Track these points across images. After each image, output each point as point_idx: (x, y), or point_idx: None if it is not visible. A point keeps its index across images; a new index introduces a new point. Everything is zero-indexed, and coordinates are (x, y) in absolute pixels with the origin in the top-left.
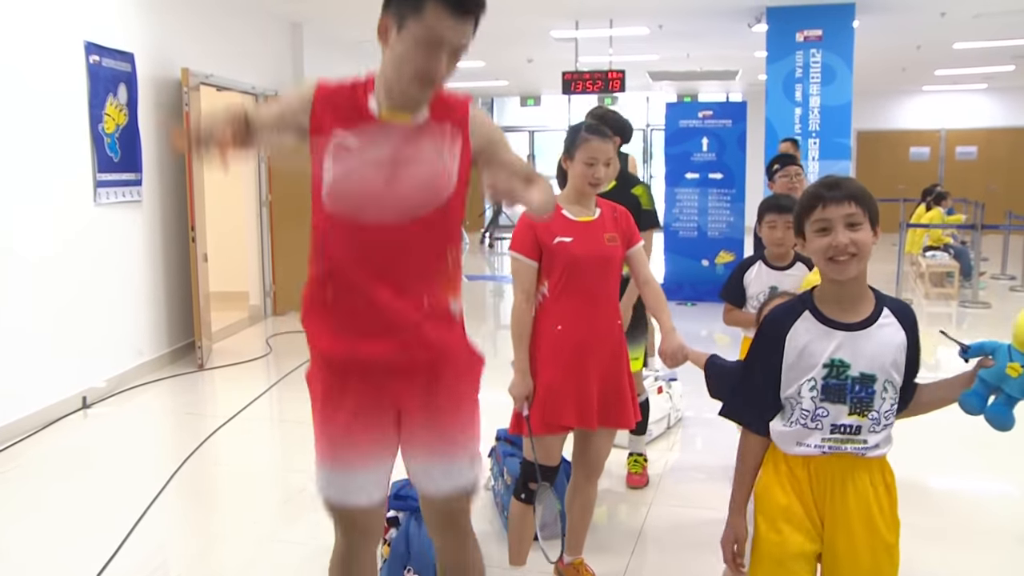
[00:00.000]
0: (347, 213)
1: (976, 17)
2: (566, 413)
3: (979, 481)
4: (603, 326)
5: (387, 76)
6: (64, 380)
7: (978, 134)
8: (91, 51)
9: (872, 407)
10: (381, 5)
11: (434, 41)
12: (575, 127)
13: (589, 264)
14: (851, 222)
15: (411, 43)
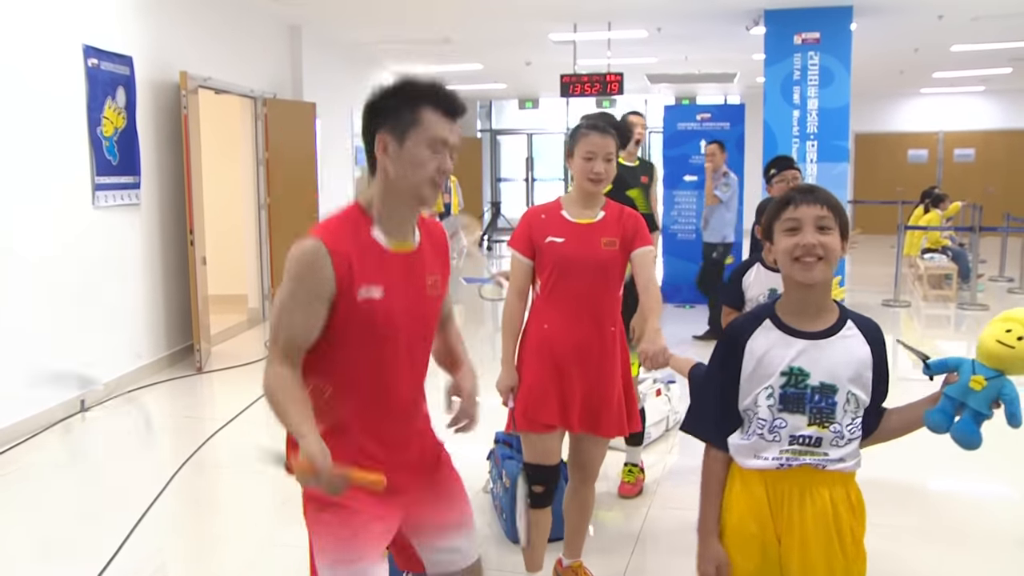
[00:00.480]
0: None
1: (974, 20)
2: (548, 411)
3: (977, 484)
4: (591, 331)
5: (400, 187)
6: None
7: (976, 136)
8: (90, 54)
9: (834, 418)
10: (366, 132)
11: (440, 142)
12: (575, 125)
13: (580, 267)
14: (821, 225)
15: (421, 148)
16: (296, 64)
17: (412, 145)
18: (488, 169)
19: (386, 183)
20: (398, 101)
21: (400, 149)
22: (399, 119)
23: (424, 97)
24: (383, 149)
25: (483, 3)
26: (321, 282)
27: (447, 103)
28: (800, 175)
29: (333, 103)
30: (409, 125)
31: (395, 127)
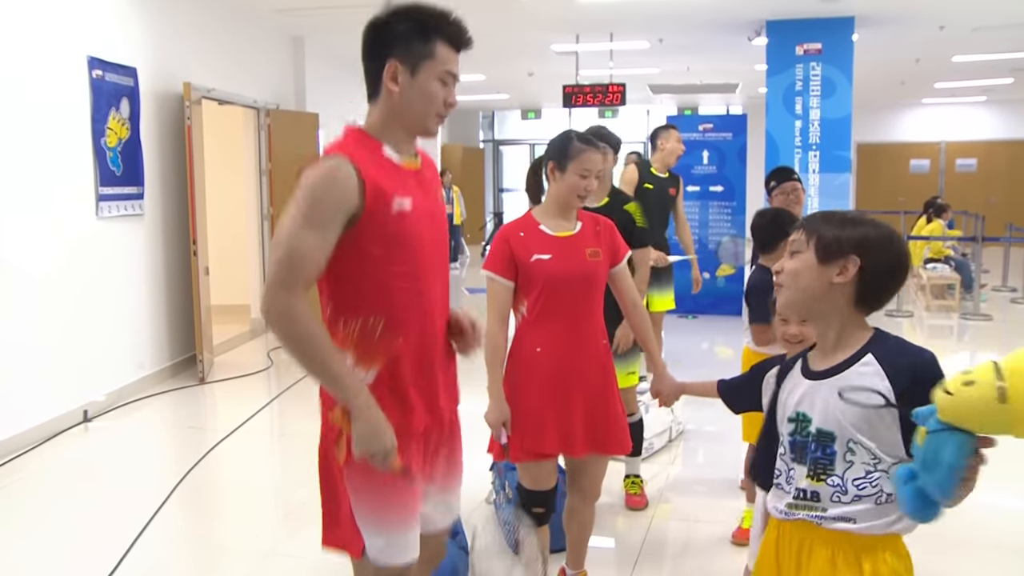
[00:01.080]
0: (413, 274)
1: (975, 30)
2: (548, 440)
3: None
4: (587, 347)
5: (405, 116)
6: (65, 394)
7: (978, 146)
8: (94, 65)
9: (832, 470)
10: (371, 55)
11: (450, 76)
12: (564, 137)
13: (570, 282)
14: (792, 249)
15: (433, 81)
16: (299, 75)
17: (424, 77)
18: (491, 179)
19: (392, 109)
20: (411, 29)
21: (411, 80)
22: (411, 49)
23: (439, 29)
24: (392, 77)
25: (486, 14)
26: (346, 198)
27: (459, 36)
28: (801, 186)
29: (336, 114)
30: (422, 56)
31: (407, 57)
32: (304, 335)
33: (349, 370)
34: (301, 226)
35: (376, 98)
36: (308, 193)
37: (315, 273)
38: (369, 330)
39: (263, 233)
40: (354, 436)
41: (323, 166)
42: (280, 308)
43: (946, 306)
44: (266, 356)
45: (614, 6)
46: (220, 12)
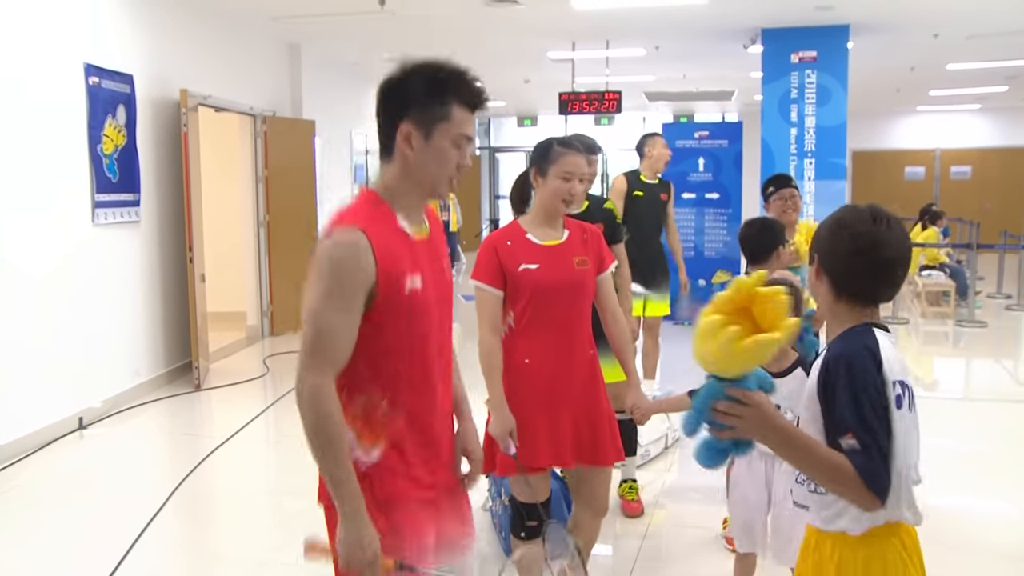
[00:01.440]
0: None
1: (969, 38)
2: (539, 453)
3: (977, 501)
4: (575, 357)
5: (419, 178)
6: (60, 401)
7: (972, 154)
8: (91, 73)
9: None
10: (385, 113)
11: (464, 139)
12: (544, 142)
13: (558, 292)
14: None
15: (447, 144)
16: (295, 82)
17: (438, 140)
18: (487, 186)
19: (405, 171)
20: (427, 91)
21: (426, 144)
22: (426, 111)
23: (454, 90)
24: (406, 139)
25: (482, 22)
26: (364, 277)
27: (475, 97)
28: (798, 193)
29: (332, 121)
30: (437, 119)
31: (421, 119)
32: (327, 429)
33: (352, 475)
34: (327, 305)
35: (389, 158)
36: (331, 268)
37: (346, 353)
38: (373, 407)
39: (259, 240)
40: (338, 543)
41: (343, 241)
42: (308, 390)
43: (941, 313)
44: (262, 363)
45: (610, 14)
46: (216, 19)
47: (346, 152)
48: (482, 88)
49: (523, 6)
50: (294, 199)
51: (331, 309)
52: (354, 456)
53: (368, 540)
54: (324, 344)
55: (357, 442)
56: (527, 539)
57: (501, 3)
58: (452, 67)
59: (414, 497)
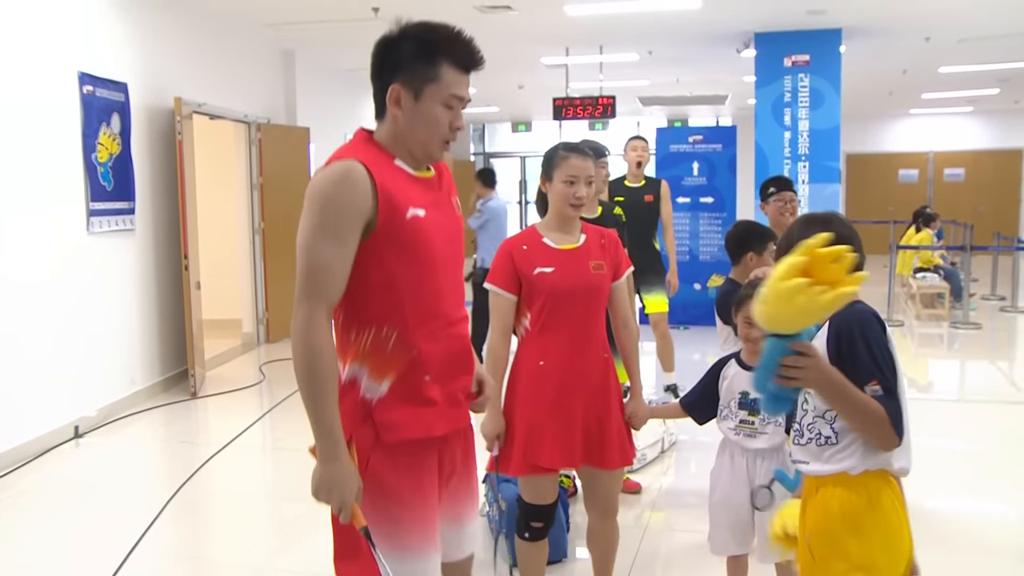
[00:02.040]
0: (426, 284)
1: (960, 41)
2: (548, 453)
3: (976, 504)
4: (589, 360)
5: (410, 138)
6: (56, 409)
7: (965, 156)
8: (85, 81)
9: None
10: (378, 75)
11: (456, 100)
12: (550, 149)
13: (573, 296)
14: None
15: (437, 106)
16: (290, 89)
17: (428, 102)
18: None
19: (395, 133)
20: (416, 50)
21: (415, 104)
22: (416, 72)
23: (445, 50)
24: (395, 100)
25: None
26: (361, 204)
27: (468, 58)
28: (796, 198)
29: (327, 128)
30: (427, 80)
31: (411, 80)
32: (316, 366)
33: (335, 416)
34: (319, 237)
35: (382, 118)
36: (323, 200)
37: (339, 287)
38: (382, 341)
39: (255, 247)
40: (312, 478)
41: (336, 170)
42: (300, 323)
43: (936, 315)
44: (258, 370)
45: (604, 19)
46: (210, 27)
47: None
48: (476, 48)
49: (516, 12)
50: (289, 206)
51: (323, 242)
52: (363, 390)
53: (346, 482)
54: (316, 278)
55: (368, 377)
56: (531, 540)
57: (495, 9)
58: (444, 27)
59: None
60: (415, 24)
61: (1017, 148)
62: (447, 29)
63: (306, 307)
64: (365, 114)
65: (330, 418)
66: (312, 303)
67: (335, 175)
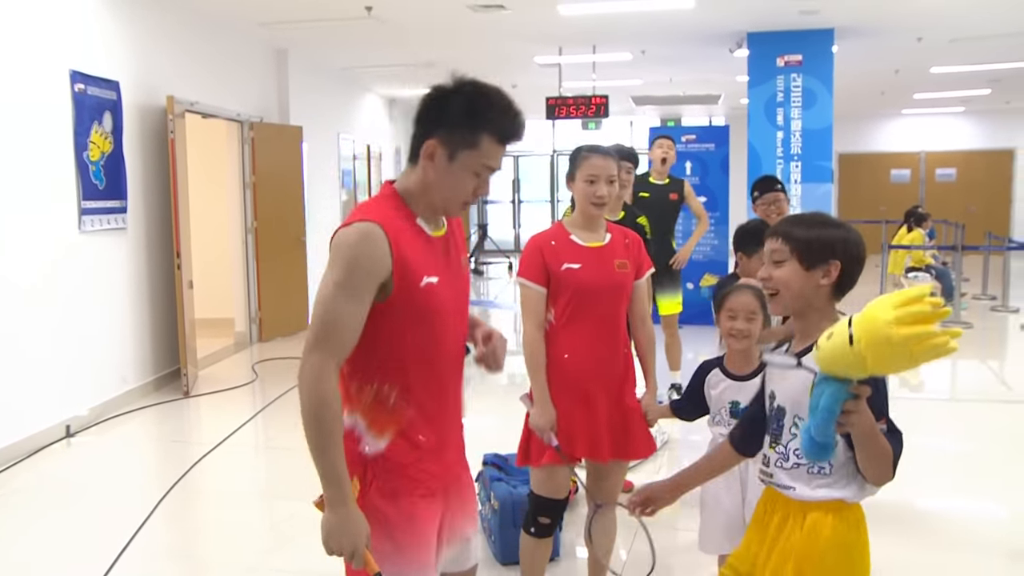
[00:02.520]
0: (431, 347)
1: (952, 42)
2: (577, 444)
3: (965, 502)
4: (613, 354)
5: (432, 195)
6: (47, 408)
7: (957, 156)
8: (76, 79)
9: (780, 440)
10: (420, 123)
11: (487, 170)
12: (575, 150)
13: (598, 291)
14: (775, 259)
15: (467, 172)
16: (282, 88)
17: (461, 166)
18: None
19: (424, 185)
20: (463, 112)
21: (448, 164)
22: (457, 133)
23: (491, 121)
24: (430, 155)
25: (469, 27)
26: (378, 268)
27: (511, 133)
28: (784, 196)
29: (320, 127)
30: (465, 145)
31: (450, 140)
32: (322, 415)
33: (341, 463)
34: (337, 293)
35: (413, 165)
36: (344, 259)
37: (351, 342)
38: (383, 397)
39: (247, 246)
40: (322, 527)
41: (359, 231)
42: (309, 371)
43: None
44: (251, 369)
45: (597, 18)
46: (203, 25)
47: (333, 157)
48: (521, 122)
49: (510, 11)
50: (282, 205)
51: (340, 298)
52: (362, 444)
53: (355, 528)
54: (329, 331)
55: (366, 430)
56: (537, 536)
57: (487, 8)
58: (497, 95)
59: (418, 493)
60: (469, 83)
61: (1008, 148)
62: (500, 98)
63: (317, 357)
64: (358, 114)
65: (337, 465)
66: (324, 355)
67: (357, 236)
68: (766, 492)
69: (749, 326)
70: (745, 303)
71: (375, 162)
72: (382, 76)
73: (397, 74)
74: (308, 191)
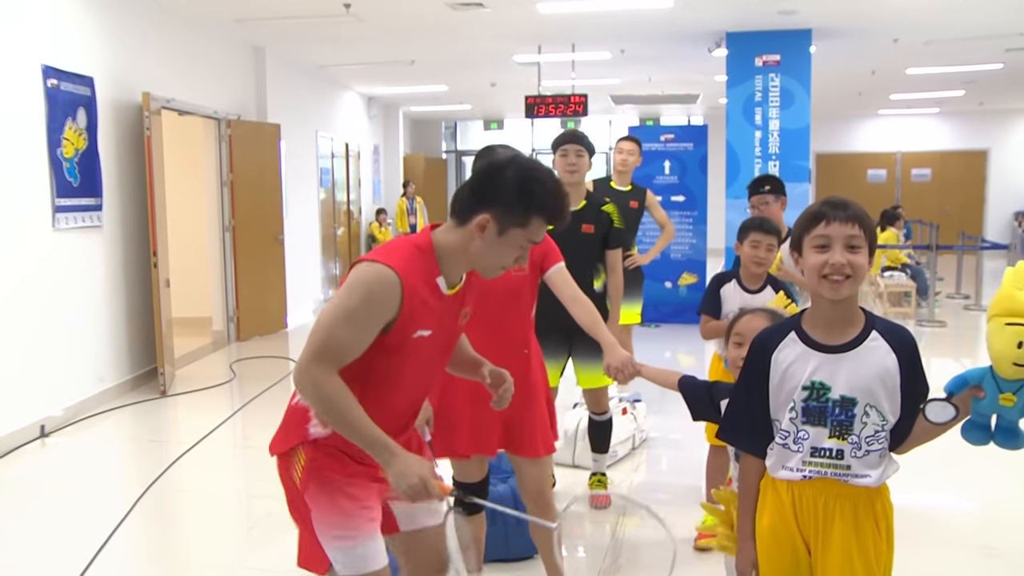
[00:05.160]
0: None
1: (927, 44)
2: (461, 440)
3: (935, 496)
4: (506, 355)
5: (475, 262)
6: (21, 408)
7: (932, 157)
8: (49, 75)
9: (852, 431)
10: (476, 192)
11: (531, 243)
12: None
13: (487, 295)
14: (851, 244)
15: (513, 246)
16: (260, 85)
17: (508, 240)
18: (453, 189)
19: (465, 248)
20: (517, 193)
21: (497, 238)
22: (510, 211)
23: (542, 204)
24: (481, 227)
25: (447, 25)
26: (387, 311)
27: (557, 215)
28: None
29: (297, 124)
30: (516, 224)
31: (503, 217)
32: (332, 400)
33: (375, 428)
34: (345, 320)
35: (459, 226)
36: (361, 294)
37: (348, 360)
38: None
39: (224, 244)
40: (391, 482)
41: (381, 275)
42: (309, 379)
43: (902, 313)
44: (228, 368)
45: (576, 17)
46: (180, 21)
47: (312, 155)
48: (566, 204)
49: (489, 9)
50: (259, 203)
51: (345, 326)
52: (310, 424)
53: (413, 467)
54: (331, 351)
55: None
56: (465, 514)
57: (466, 6)
58: (548, 179)
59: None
60: (528, 167)
61: (982, 149)
62: (551, 182)
63: (316, 370)
64: (336, 111)
65: (371, 433)
66: (324, 368)
67: (380, 279)
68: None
69: None
70: (755, 328)
71: (353, 160)
72: (361, 74)
73: (376, 72)
74: (286, 189)
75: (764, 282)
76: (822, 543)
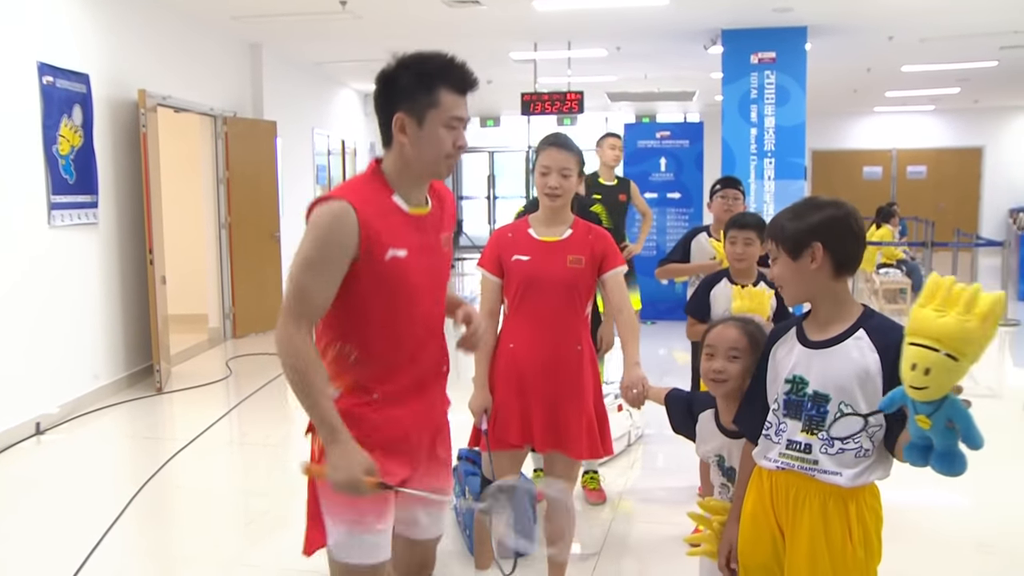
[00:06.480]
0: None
1: (922, 41)
2: (511, 431)
3: (934, 495)
4: (557, 350)
5: (416, 165)
6: (16, 406)
7: (927, 154)
8: (44, 72)
9: (823, 427)
10: (381, 107)
11: (456, 121)
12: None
13: (544, 284)
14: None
15: (439, 128)
16: (256, 82)
17: (430, 126)
18: (449, 187)
19: (403, 159)
20: (414, 80)
21: (419, 130)
22: (416, 100)
23: (441, 77)
24: (400, 128)
25: (444, 22)
26: (346, 242)
27: (463, 81)
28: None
29: (294, 121)
30: (427, 107)
31: (413, 108)
32: (299, 366)
33: (332, 408)
34: (307, 266)
35: (389, 147)
36: (314, 236)
37: (320, 310)
38: (343, 356)
39: (221, 242)
40: (327, 468)
41: (329, 208)
42: (283, 336)
43: (898, 310)
44: (225, 365)
45: (572, 14)
46: (176, 18)
47: (308, 152)
48: (469, 71)
49: (485, 7)
50: (256, 200)
51: (310, 272)
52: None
53: (355, 461)
54: (300, 301)
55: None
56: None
57: (463, 4)
58: (437, 56)
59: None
60: (409, 56)
61: (977, 146)
62: (440, 57)
63: (289, 323)
64: (332, 108)
65: (323, 407)
66: (296, 321)
67: (329, 216)
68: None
69: (728, 367)
70: (727, 338)
71: (350, 157)
72: (357, 71)
73: (372, 69)
74: (282, 186)
75: (757, 277)
76: (791, 533)
